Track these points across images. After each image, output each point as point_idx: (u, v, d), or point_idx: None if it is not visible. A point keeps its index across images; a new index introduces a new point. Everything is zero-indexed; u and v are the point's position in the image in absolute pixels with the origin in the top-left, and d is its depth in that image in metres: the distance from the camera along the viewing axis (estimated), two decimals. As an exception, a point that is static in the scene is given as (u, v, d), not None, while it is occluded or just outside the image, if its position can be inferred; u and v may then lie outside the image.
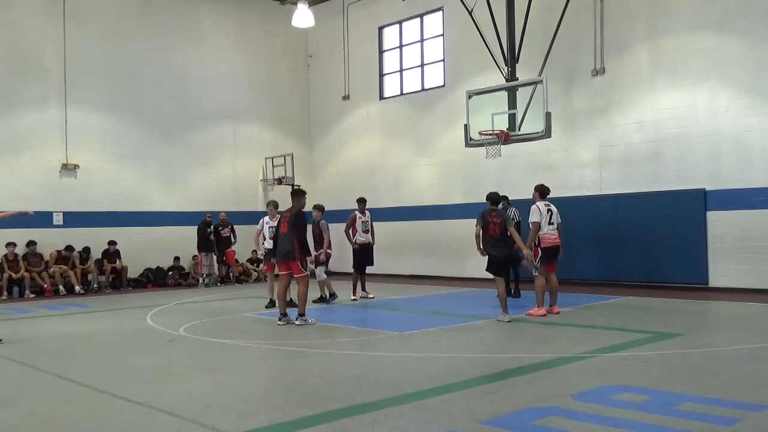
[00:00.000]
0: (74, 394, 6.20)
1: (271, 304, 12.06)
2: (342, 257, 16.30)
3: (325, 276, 12.66)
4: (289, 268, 10.02)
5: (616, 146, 14.57)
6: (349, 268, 13.63)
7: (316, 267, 12.05)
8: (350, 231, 13.24)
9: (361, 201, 13.48)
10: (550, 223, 10.51)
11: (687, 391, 5.65)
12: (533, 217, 10.47)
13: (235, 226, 18.14)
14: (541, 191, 10.82)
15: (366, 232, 13.38)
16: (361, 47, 19.86)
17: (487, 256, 10.23)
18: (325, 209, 12.97)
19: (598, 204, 14.65)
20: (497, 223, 10.07)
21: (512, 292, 12.40)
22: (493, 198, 10.40)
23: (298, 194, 10.34)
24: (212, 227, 17.58)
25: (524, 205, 12.18)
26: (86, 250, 16.33)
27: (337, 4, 20.10)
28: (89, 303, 13.85)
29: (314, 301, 12.31)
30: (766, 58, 12.63)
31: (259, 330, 9.91)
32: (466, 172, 17.10)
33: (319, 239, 12.40)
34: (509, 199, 13.30)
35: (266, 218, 12.50)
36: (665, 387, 5.83)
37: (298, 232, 9.87)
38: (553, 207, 10.69)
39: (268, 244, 12.11)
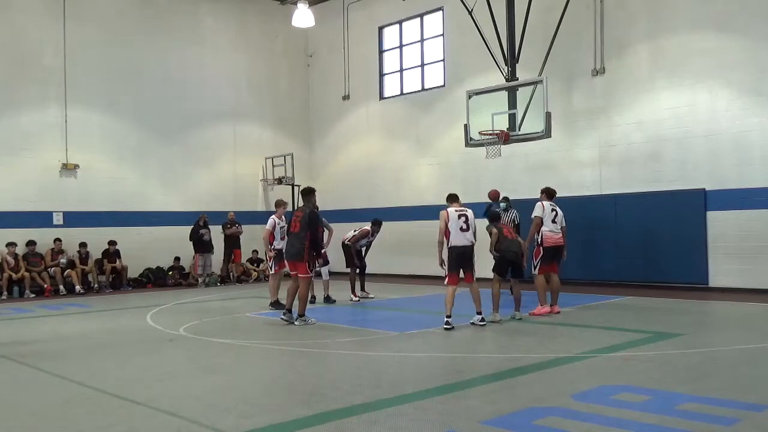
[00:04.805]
0: (74, 394, 6.19)
1: (277, 304, 11.75)
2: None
3: (328, 277, 12.75)
4: (296, 268, 9.96)
5: (616, 146, 14.56)
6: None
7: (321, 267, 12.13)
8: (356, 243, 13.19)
9: (377, 223, 13.26)
10: (553, 222, 10.53)
11: (687, 391, 5.65)
12: (536, 212, 10.53)
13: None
14: (548, 193, 10.94)
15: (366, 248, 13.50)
16: (361, 47, 19.85)
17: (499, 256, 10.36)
18: (325, 209, 12.94)
19: (598, 204, 14.64)
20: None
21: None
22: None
23: (308, 193, 10.18)
24: (209, 227, 17.46)
25: (524, 205, 12.17)
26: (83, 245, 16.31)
27: (337, 4, 20.09)
28: (89, 303, 13.85)
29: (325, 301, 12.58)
30: (766, 58, 12.63)
31: (259, 330, 9.91)
32: (466, 172, 17.08)
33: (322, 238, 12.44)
34: (509, 199, 13.33)
35: (275, 218, 12.01)
36: (665, 387, 5.83)
37: (312, 233, 9.80)
38: (558, 209, 10.72)
39: (279, 244, 11.60)
